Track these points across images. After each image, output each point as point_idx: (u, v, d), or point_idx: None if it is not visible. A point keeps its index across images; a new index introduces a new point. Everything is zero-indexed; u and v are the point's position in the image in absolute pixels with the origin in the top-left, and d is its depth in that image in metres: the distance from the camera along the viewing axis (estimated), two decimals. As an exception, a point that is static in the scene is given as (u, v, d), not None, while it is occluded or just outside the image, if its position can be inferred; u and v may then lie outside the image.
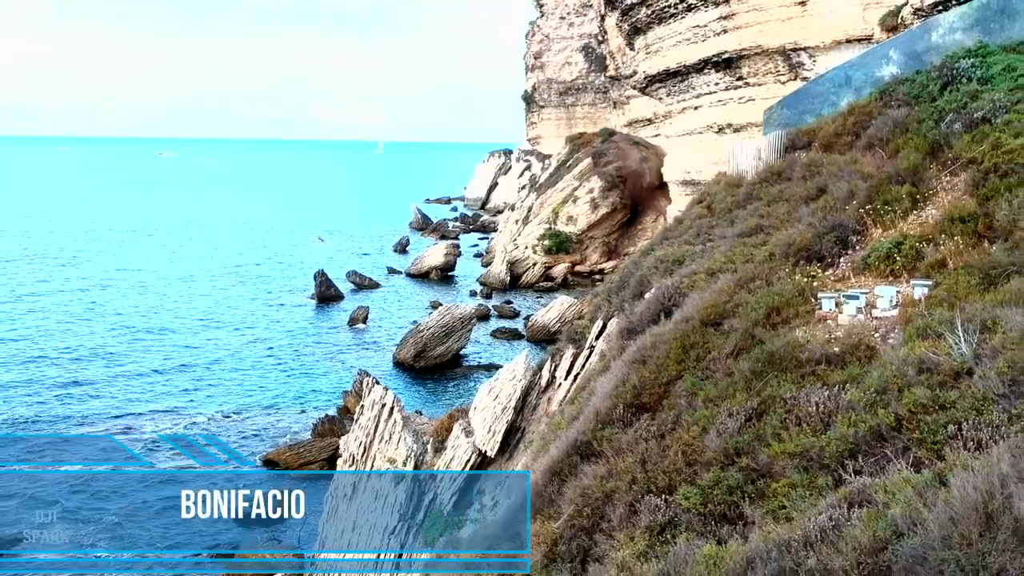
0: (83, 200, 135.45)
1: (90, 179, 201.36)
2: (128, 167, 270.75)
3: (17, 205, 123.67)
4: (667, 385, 10.40)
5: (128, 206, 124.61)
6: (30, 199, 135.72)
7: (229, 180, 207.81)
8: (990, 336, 7.85)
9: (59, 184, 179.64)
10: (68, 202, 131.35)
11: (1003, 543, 5.25)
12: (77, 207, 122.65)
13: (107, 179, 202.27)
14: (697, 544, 7.21)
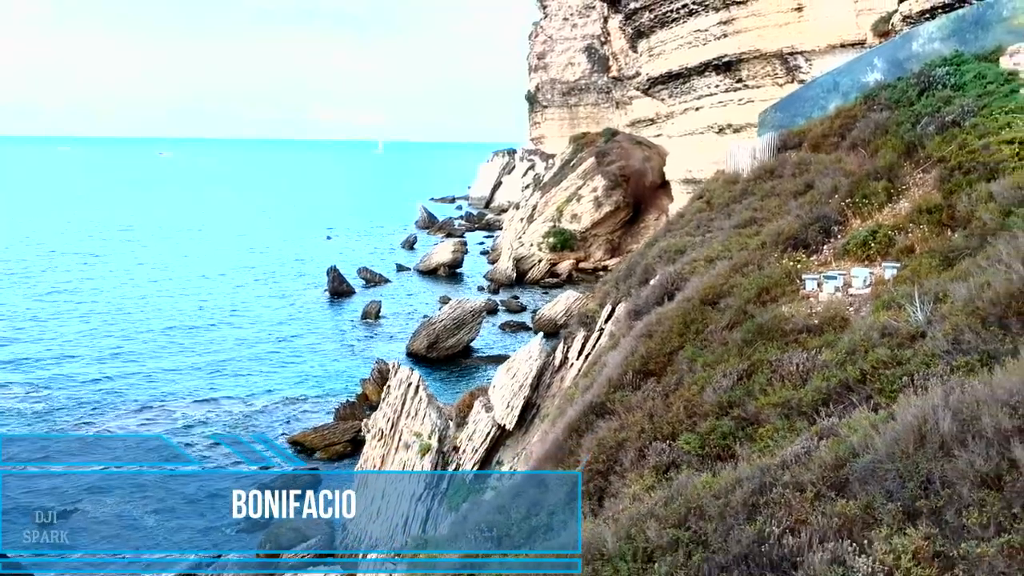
0: (92, 201, 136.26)
1: (93, 179, 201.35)
2: (129, 167, 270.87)
3: (28, 206, 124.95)
4: (670, 354, 11.89)
5: (136, 207, 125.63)
6: (40, 200, 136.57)
7: (231, 180, 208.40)
8: (941, 306, 9.33)
9: (63, 185, 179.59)
10: (78, 203, 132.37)
11: (931, 454, 6.75)
12: (87, 208, 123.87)
13: (110, 179, 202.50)
14: (696, 475, 8.73)
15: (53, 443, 29.18)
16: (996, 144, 12.88)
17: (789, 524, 7.03)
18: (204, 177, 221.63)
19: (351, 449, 28.31)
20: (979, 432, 6.64)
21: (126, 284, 62.15)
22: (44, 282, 61.99)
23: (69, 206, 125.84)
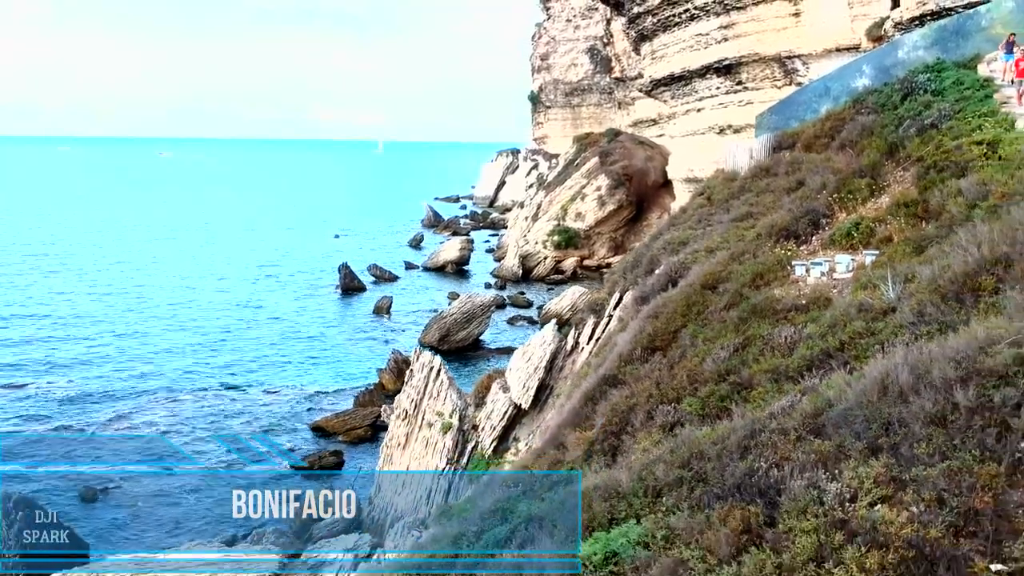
0: (97, 201, 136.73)
1: (95, 179, 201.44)
2: (129, 167, 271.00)
3: (34, 206, 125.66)
4: (675, 332, 13.27)
5: (142, 207, 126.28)
6: (45, 200, 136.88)
7: (234, 180, 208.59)
8: (909, 285, 10.70)
9: (65, 185, 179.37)
10: (82, 203, 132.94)
11: (891, 401, 8.13)
12: (92, 209, 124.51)
13: (112, 179, 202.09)
14: (697, 429, 10.13)
15: (78, 443, 30.33)
16: (967, 145, 14.23)
17: (775, 461, 8.42)
18: (206, 177, 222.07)
19: (371, 433, 29.77)
20: (930, 382, 8.02)
21: (141, 282, 63.55)
22: (61, 280, 63.49)
23: (74, 206, 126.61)
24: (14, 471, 25.56)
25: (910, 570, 6.82)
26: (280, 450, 30.14)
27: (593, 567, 8.43)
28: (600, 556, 8.49)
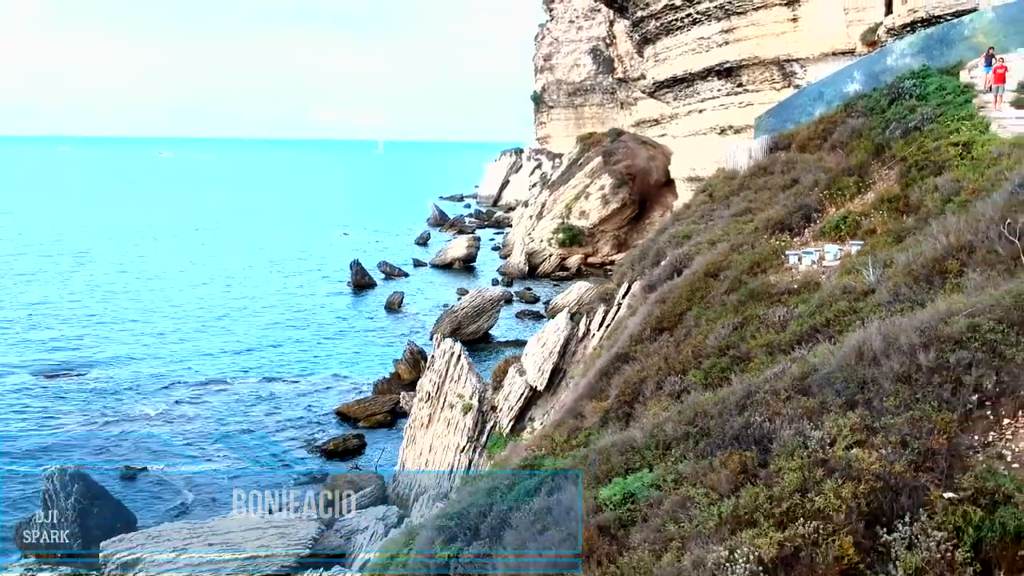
0: (99, 202, 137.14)
1: (98, 180, 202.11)
2: (130, 167, 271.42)
3: (42, 206, 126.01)
4: (680, 315, 14.68)
5: (148, 207, 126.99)
6: (49, 200, 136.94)
7: (236, 180, 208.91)
8: (888, 270, 12.12)
9: (68, 185, 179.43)
10: (83, 204, 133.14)
11: (866, 364, 9.54)
12: (101, 209, 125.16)
13: (114, 179, 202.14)
14: (701, 395, 11.56)
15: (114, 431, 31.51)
16: (945, 146, 15.63)
17: (767, 415, 9.84)
18: (208, 177, 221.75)
19: (390, 419, 31.22)
20: (898, 348, 9.43)
21: (159, 281, 64.99)
22: (84, 278, 64.96)
23: (81, 207, 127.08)
24: (59, 457, 27.07)
25: (878, 498, 8.23)
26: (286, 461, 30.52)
27: (614, 506, 9.87)
28: (619, 496, 9.94)
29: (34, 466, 26.59)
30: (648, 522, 9.36)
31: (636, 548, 9.08)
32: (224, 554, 16.16)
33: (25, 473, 25.95)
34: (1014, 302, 9.18)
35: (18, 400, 33.58)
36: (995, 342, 8.98)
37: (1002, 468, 8.33)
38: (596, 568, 9.00)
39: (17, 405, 32.88)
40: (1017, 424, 8.79)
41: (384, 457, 27.23)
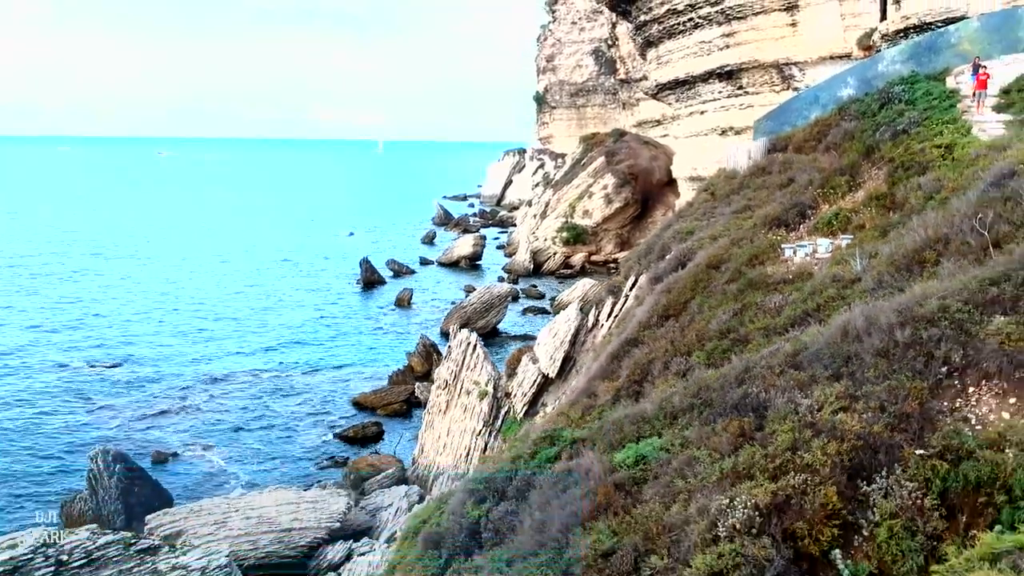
0: (100, 202, 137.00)
1: (102, 180, 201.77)
2: (131, 166, 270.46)
3: (52, 207, 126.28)
4: (685, 303, 15.90)
5: (154, 207, 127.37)
6: (53, 201, 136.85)
7: (238, 180, 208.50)
8: (873, 260, 13.34)
9: (69, 185, 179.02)
10: (84, 204, 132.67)
11: (850, 341, 10.75)
12: (107, 209, 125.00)
13: (119, 179, 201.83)
14: (705, 372, 12.77)
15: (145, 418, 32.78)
16: (929, 148, 16.83)
17: (763, 387, 11.05)
18: (210, 177, 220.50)
19: (406, 408, 32.46)
20: (878, 326, 10.64)
21: (174, 281, 66.10)
22: (101, 277, 66.26)
23: (81, 207, 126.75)
24: (97, 438, 28.41)
25: (859, 455, 9.46)
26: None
27: (627, 467, 11.10)
28: (632, 459, 11.18)
29: (72, 448, 27.98)
30: (658, 479, 10.60)
31: (648, 501, 10.32)
32: (261, 527, 17.37)
33: (63, 455, 27.31)
34: (979, 286, 10.40)
35: (54, 390, 34.91)
36: (962, 320, 10.19)
37: (966, 429, 9.56)
38: (614, 518, 10.23)
39: (53, 395, 34.20)
40: (980, 392, 10.01)
41: (402, 442, 28.45)
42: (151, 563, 13.57)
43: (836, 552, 8.97)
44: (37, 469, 26.40)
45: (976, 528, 8.80)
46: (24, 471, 26.07)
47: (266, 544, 17.00)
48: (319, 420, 31.59)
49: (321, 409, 33.06)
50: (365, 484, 22.72)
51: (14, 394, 34.37)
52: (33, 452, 28.04)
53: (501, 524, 11.68)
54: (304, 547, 17.76)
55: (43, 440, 29.07)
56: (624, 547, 9.66)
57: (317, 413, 32.49)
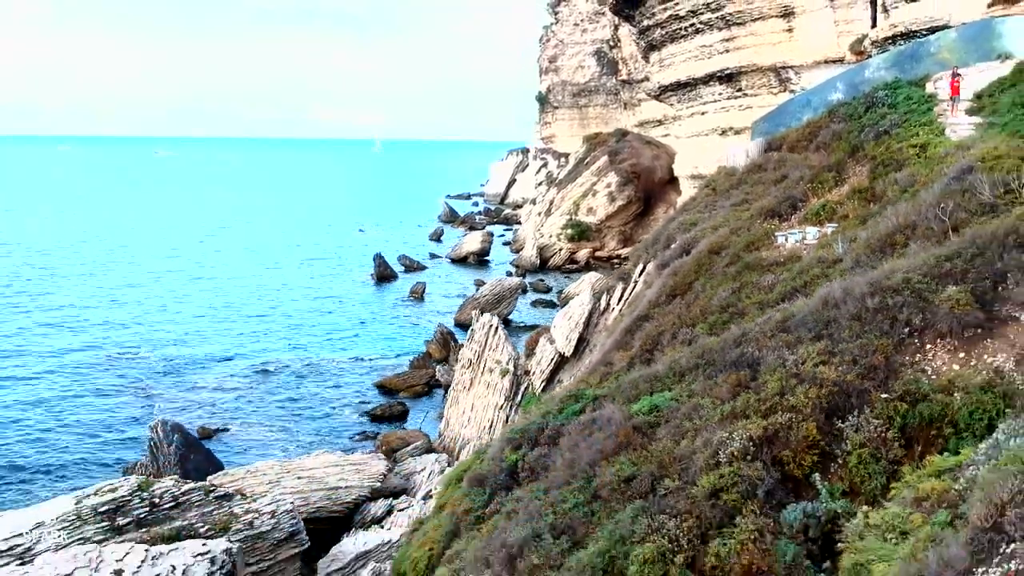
0: (100, 201, 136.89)
1: (103, 179, 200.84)
2: (130, 166, 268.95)
3: (61, 207, 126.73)
4: (690, 284, 17.90)
5: (162, 207, 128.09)
6: (58, 202, 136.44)
7: (242, 180, 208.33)
8: (853, 244, 15.34)
9: (76, 185, 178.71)
10: (84, 204, 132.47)
11: (829, 308, 12.78)
12: (108, 209, 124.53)
13: (121, 179, 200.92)
14: (707, 339, 14.78)
15: (184, 399, 35.07)
16: (907, 147, 18.82)
17: (757, 347, 13.07)
18: (210, 177, 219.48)
19: (427, 389, 34.51)
20: (853, 296, 12.65)
21: (199, 273, 68.15)
22: (124, 273, 68.31)
23: (83, 208, 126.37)
24: (146, 415, 30.57)
25: (835, 398, 11.46)
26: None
27: (643, 414, 13.13)
28: (647, 408, 13.22)
29: (126, 424, 30.13)
30: (669, 422, 12.64)
31: (661, 439, 12.37)
32: (312, 485, 19.33)
33: (123, 428, 29.54)
34: (936, 261, 12.41)
35: (96, 375, 37.04)
36: (921, 290, 12.20)
37: (923, 378, 11.60)
38: (633, 453, 12.26)
39: (95, 380, 36.32)
40: (935, 348, 12.05)
41: (426, 420, 30.44)
42: (227, 507, 15.55)
43: (816, 475, 11.00)
44: (94, 441, 28.53)
45: (929, 454, 10.83)
46: (80, 444, 28.24)
47: (316, 500, 18.98)
48: (347, 401, 33.58)
49: (348, 391, 35.03)
50: (396, 454, 24.70)
51: (71, 379, 36.55)
52: (89, 428, 30.27)
53: (536, 464, 13.69)
54: (350, 503, 19.78)
55: (98, 417, 31.34)
56: (642, 473, 11.70)
57: (345, 395, 34.48)
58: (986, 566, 8.07)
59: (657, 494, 11.23)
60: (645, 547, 10.40)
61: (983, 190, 13.73)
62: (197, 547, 13.00)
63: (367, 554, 16.89)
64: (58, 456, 27.31)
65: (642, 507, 11.09)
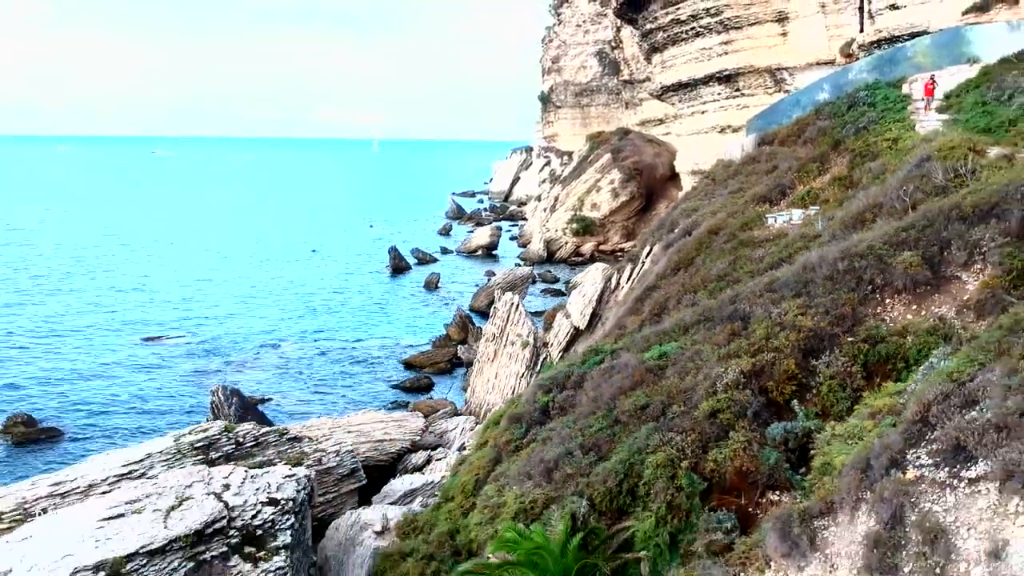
0: (113, 202, 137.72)
1: (104, 178, 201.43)
2: (129, 166, 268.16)
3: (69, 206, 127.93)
4: (692, 259, 20.47)
5: (168, 206, 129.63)
6: (67, 201, 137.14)
7: (242, 180, 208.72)
8: (830, 222, 17.91)
9: (70, 184, 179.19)
10: (83, 204, 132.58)
11: (807, 271, 15.37)
12: (108, 208, 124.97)
13: (122, 179, 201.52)
14: (708, 300, 17.37)
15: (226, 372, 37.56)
16: (881, 140, 21.37)
17: (748, 304, 15.64)
18: (212, 177, 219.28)
19: (450, 366, 37.13)
20: (827, 261, 15.21)
21: (221, 267, 70.78)
22: (153, 265, 70.96)
23: (79, 208, 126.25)
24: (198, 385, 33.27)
25: (810, 341, 14.02)
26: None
27: (654, 360, 15.72)
28: (657, 355, 15.82)
29: (184, 395, 32.89)
30: (676, 364, 15.22)
31: (669, 377, 14.96)
32: (360, 438, 21.86)
33: (179, 397, 32.34)
34: (895, 232, 14.97)
35: (139, 355, 39.90)
36: (882, 255, 14.76)
37: (882, 325, 14.19)
38: (646, 388, 14.85)
39: (152, 359, 39.27)
40: (893, 302, 14.64)
41: (452, 391, 33.01)
42: (298, 447, 18.08)
43: (794, 401, 13.60)
44: (155, 410, 31.29)
45: (885, 383, 13.43)
46: (144, 413, 31.14)
47: (364, 451, 21.50)
48: (376, 376, 36.12)
49: (376, 368, 37.57)
50: (428, 418, 27.22)
51: (129, 355, 39.42)
52: (149, 399, 33.11)
53: (565, 403, 16.28)
54: (393, 454, 22.31)
55: (154, 387, 34.29)
56: (654, 402, 14.31)
57: (374, 371, 37.05)
58: (916, 448, 10.76)
59: (667, 417, 13.82)
60: (657, 455, 13.02)
61: (937, 175, 16.32)
62: (284, 471, 15.58)
63: (414, 491, 19.47)
64: (134, 420, 30.22)
65: (654, 427, 13.69)
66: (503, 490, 14.69)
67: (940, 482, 10.25)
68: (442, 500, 17.14)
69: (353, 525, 17.05)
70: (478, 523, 14.62)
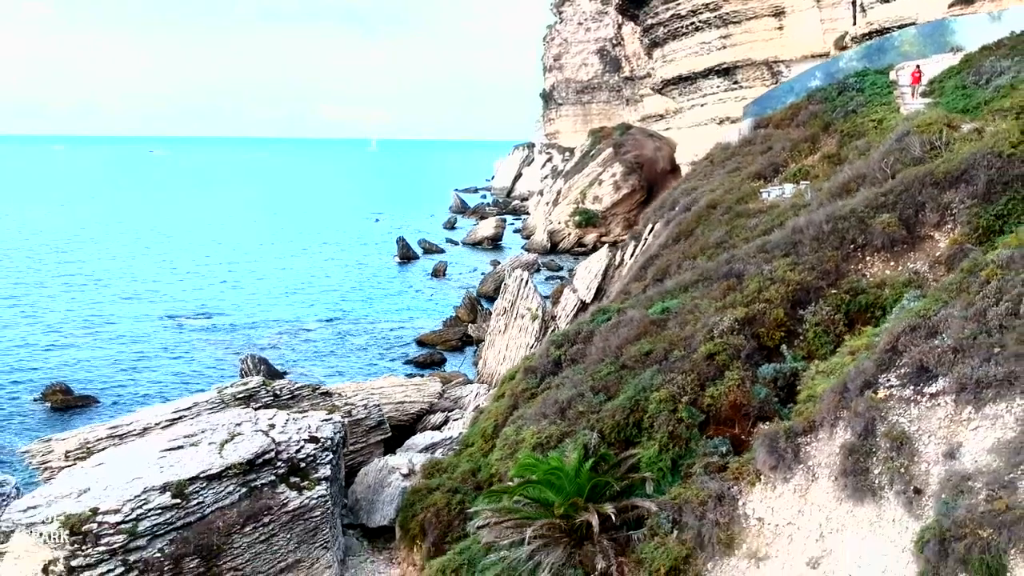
0: (95, 200, 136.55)
1: (104, 177, 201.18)
2: (130, 165, 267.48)
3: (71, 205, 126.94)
4: (691, 230, 21.93)
5: (172, 204, 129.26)
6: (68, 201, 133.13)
7: (243, 179, 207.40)
8: (819, 192, 19.37)
9: (70, 183, 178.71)
10: (82, 203, 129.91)
11: (796, 234, 16.84)
12: (108, 208, 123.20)
13: (124, 179, 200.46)
14: (706, 263, 18.85)
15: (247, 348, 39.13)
16: (867, 122, 22.82)
17: (743, 264, 17.11)
18: (212, 177, 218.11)
19: (461, 344, 38.66)
20: (814, 224, 16.68)
21: (236, 259, 72.16)
22: (179, 256, 72.53)
23: (81, 207, 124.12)
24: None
25: (798, 293, 15.49)
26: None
27: (657, 314, 17.19)
28: (660, 309, 17.28)
29: (212, 368, 34.57)
30: (677, 317, 16.68)
31: (671, 328, 16.42)
32: (383, 400, 23.29)
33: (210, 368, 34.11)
34: (874, 196, 16.43)
35: (168, 337, 41.63)
36: (863, 217, 16.21)
37: (863, 279, 15.66)
38: (650, 338, 16.31)
39: (179, 338, 41.02)
40: (873, 259, 16.10)
41: (464, 366, 34.49)
42: (330, 400, 19.53)
43: (783, 346, 15.06)
44: (191, 382, 32.87)
45: (864, 329, 14.87)
46: (182, 383, 32.78)
47: (386, 411, 22.90)
48: (391, 353, 37.60)
49: (391, 345, 39.09)
50: (443, 386, 28.68)
51: (160, 338, 41.30)
52: (181, 373, 34.82)
53: (576, 355, 17.75)
54: (413, 415, 23.77)
55: (185, 367, 36.01)
56: (657, 349, 15.77)
57: (389, 348, 38.55)
58: (887, 373, 12.27)
59: (669, 360, 15.29)
60: (660, 392, 14.49)
61: (915, 148, 17.78)
62: (322, 415, 17.05)
63: (435, 444, 20.95)
64: (166, 390, 31.83)
65: (657, 369, 15.16)
66: (520, 429, 16.15)
67: (906, 398, 11.76)
68: (463, 447, 18.61)
69: (381, 469, 18.53)
70: (499, 458, 16.09)
